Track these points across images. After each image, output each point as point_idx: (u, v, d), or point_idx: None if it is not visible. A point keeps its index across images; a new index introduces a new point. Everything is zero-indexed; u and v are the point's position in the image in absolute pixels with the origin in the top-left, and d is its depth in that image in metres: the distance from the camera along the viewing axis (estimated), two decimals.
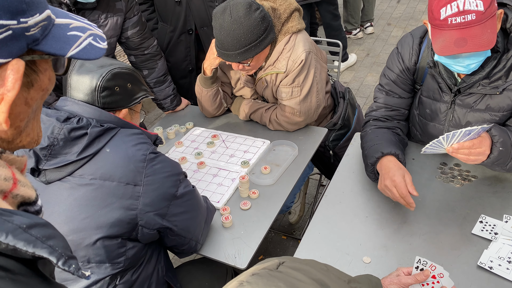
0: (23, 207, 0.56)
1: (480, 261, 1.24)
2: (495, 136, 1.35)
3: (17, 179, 0.53)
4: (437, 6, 1.27)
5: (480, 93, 1.46)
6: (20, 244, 0.46)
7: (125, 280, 1.31)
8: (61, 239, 0.51)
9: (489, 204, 1.44)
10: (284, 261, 0.65)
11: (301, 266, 0.63)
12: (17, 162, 0.57)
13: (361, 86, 4.17)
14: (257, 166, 1.81)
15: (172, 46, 2.46)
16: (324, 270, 0.65)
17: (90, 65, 1.24)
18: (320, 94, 1.91)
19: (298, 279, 0.59)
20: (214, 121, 2.18)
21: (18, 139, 0.57)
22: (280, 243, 2.62)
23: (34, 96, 0.56)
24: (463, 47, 1.23)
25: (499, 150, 1.35)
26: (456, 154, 1.36)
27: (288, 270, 0.61)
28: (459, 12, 1.23)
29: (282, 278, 0.58)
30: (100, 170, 1.18)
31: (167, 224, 1.27)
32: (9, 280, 0.46)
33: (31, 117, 0.58)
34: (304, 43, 1.80)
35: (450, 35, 1.26)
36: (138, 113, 1.40)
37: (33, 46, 0.52)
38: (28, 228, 0.47)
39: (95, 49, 0.59)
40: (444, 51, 1.27)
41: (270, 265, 0.64)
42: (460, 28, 1.24)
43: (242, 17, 1.64)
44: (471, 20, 1.23)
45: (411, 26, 5.21)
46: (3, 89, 0.50)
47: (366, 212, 1.49)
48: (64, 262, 0.49)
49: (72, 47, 0.56)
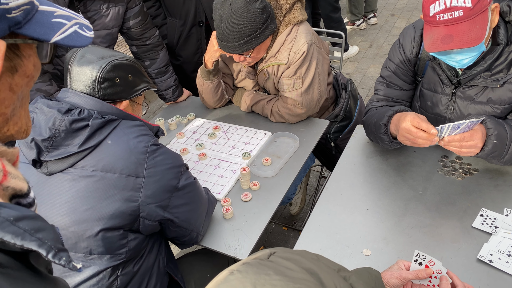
0: (15, 200, 0.56)
1: (480, 255, 1.25)
2: (490, 129, 1.36)
3: (7, 171, 0.53)
4: (427, 3, 1.28)
5: (481, 85, 1.45)
6: (7, 237, 0.46)
7: (126, 271, 1.32)
8: (51, 232, 0.51)
9: (490, 198, 1.44)
10: (275, 251, 0.66)
11: (291, 256, 0.64)
12: (9, 154, 0.56)
13: (364, 77, 4.15)
14: (258, 157, 1.81)
15: (184, 40, 2.43)
16: (315, 259, 0.66)
17: (90, 56, 1.23)
18: (322, 85, 1.90)
19: (287, 268, 0.59)
20: (216, 112, 2.18)
21: (5, 127, 0.57)
22: (281, 234, 2.63)
23: (19, 83, 0.55)
24: (448, 44, 1.24)
25: (493, 143, 1.35)
26: (448, 147, 1.38)
27: (279, 259, 0.62)
28: (446, 8, 1.23)
29: (272, 266, 0.59)
30: (101, 162, 1.18)
31: (169, 216, 1.28)
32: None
33: (17, 105, 0.57)
34: (306, 34, 1.79)
35: (438, 31, 1.27)
36: (140, 105, 1.39)
37: (15, 29, 0.52)
38: (15, 221, 0.47)
39: (81, 37, 0.58)
40: (432, 47, 1.27)
41: (261, 255, 0.65)
42: (447, 24, 1.25)
43: (242, 8, 1.63)
44: (458, 16, 1.23)
45: (414, 17, 5.17)
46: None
47: (367, 204, 1.49)
48: (54, 255, 0.49)
49: (57, 33, 0.55)
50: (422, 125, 1.36)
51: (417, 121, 1.37)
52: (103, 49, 1.28)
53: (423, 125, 1.36)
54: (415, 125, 1.38)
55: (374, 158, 1.69)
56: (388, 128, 1.53)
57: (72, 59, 1.23)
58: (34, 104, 1.22)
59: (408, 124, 1.39)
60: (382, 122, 1.53)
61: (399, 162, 1.65)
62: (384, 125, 1.53)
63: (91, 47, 1.28)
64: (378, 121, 1.56)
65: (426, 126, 1.36)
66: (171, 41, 2.45)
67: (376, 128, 1.58)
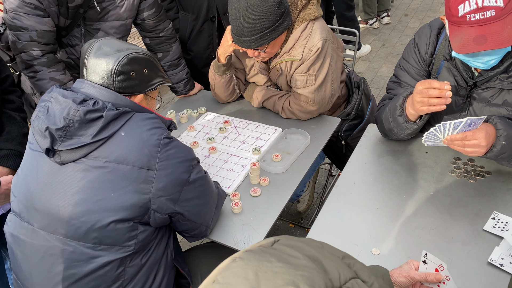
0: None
1: (491, 258, 1.24)
2: (499, 129, 1.35)
3: None
4: (455, 3, 1.25)
5: (497, 87, 1.44)
6: None
7: (135, 263, 1.33)
8: None
9: (502, 201, 1.43)
10: (279, 239, 0.66)
11: (295, 243, 0.64)
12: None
13: (375, 77, 4.12)
14: (268, 153, 1.81)
15: (195, 35, 2.43)
16: (319, 247, 0.66)
17: (107, 49, 1.23)
18: (335, 83, 1.89)
19: (290, 255, 0.59)
20: (227, 107, 2.18)
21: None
22: (287, 231, 2.63)
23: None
24: (482, 44, 1.21)
25: (502, 144, 1.34)
26: (453, 146, 1.37)
27: (282, 247, 0.62)
28: (478, 8, 1.20)
29: (274, 254, 0.59)
30: (114, 153, 1.19)
31: (179, 209, 1.28)
32: None
33: None
34: (321, 31, 1.78)
35: (468, 32, 1.23)
36: (154, 99, 1.39)
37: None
38: None
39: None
40: (463, 49, 1.24)
41: (265, 243, 0.65)
42: (479, 25, 1.22)
43: (258, 3, 1.62)
44: (490, 16, 1.20)
45: (428, 17, 5.12)
46: None
47: (377, 203, 1.48)
48: None
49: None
50: (434, 84, 1.36)
51: (428, 81, 1.38)
52: (120, 42, 1.29)
53: (434, 84, 1.36)
54: (426, 86, 1.37)
55: (386, 157, 1.68)
56: (404, 109, 1.52)
57: (89, 50, 1.24)
58: (49, 93, 1.23)
59: (419, 87, 1.39)
60: (398, 103, 1.53)
61: (411, 163, 1.63)
62: (400, 106, 1.52)
63: (108, 39, 1.29)
64: (394, 103, 1.55)
65: (438, 84, 1.35)
66: (183, 35, 2.45)
67: (392, 111, 1.56)
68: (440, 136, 1.38)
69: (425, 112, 1.43)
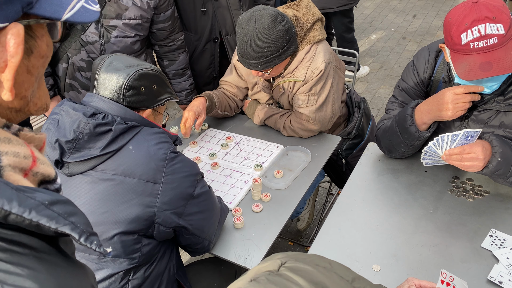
0: (43, 185, 0.56)
1: (490, 275, 1.25)
2: (495, 146, 1.39)
3: (36, 156, 0.53)
4: (457, 32, 1.29)
5: (494, 109, 1.48)
6: (43, 220, 0.46)
7: (138, 276, 1.34)
8: (83, 216, 0.52)
9: (500, 220, 1.45)
10: (287, 260, 0.64)
11: (303, 266, 0.62)
12: (36, 140, 0.57)
13: (374, 97, 4.19)
14: (270, 169, 1.84)
15: (198, 55, 2.49)
16: (328, 269, 0.64)
17: (118, 64, 1.27)
18: (336, 104, 1.93)
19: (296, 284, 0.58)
20: (229, 123, 2.21)
21: (26, 108, 0.57)
22: (286, 249, 2.63)
23: (35, 64, 0.55)
24: (489, 71, 1.25)
25: (497, 160, 1.38)
26: (451, 161, 1.41)
27: (288, 273, 0.60)
28: (481, 36, 1.25)
29: (280, 283, 0.58)
30: (122, 166, 1.21)
31: (183, 223, 1.30)
32: (33, 258, 0.47)
33: (35, 87, 0.57)
34: (324, 53, 1.83)
35: (473, 59, 1.27)
36: (161, 114, 1.43)
37: (28, 10, 0.51)
38: (50, 205, 0.48)
39: (89, 12, 0.57)
40: (470, 75, 1.28)
41: (271, 267, 0.63)
42: (483, 52, 1.26)
43: (267, 29, 1.66)
44: (493, 43, 1.25)
45: (426, 41, 5.22)
46: (6, 55, 0.49)
47: (377, 221, 1.51)
48: (86, 239, 0.50)
49: (66, 10, 0.54)
50: (470, 88, 1.39)
51: (461, 87, 1.41)
52: (130, 58, 1.33)
53: (470, 88, 1.39)
54: (459, 92, 1.41)
55: (385, 175, 1.71)
56: (414, 118, 1.54)
57: (100, 65, 1.28)
58: (60, 106, 1.26)
59: (452, 96, 1.42)
60: (407, 113, 1.55)
61: (410, 181, 1.66)
62: (410, 116, 1.54)
63: (119, 55, 1.33)
64: (401, 115, 1.58)
65: (473, 87, 1.39)
66: None
67: (400, 123, 1.58)
68: (438, 151, 1.42)
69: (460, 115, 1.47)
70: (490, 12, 1.25)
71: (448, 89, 1.44)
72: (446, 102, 1.43)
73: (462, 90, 1.40)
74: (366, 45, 5.25)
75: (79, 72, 2.10)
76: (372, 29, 5.69)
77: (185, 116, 1.91)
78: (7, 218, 0.45)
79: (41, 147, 0.58)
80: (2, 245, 0.45)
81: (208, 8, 2.33)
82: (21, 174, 0.51)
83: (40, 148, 0.58)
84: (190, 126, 1.92)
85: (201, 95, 2.02)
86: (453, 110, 1.43)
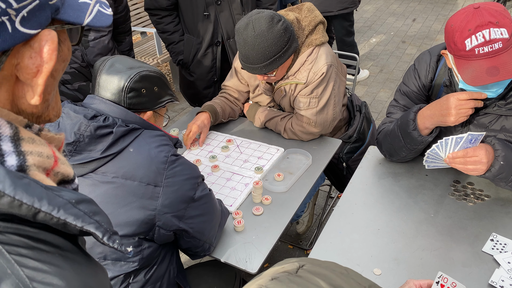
0: (62, 185, 0.56)
1: (492, 280, 1.25)
2: (497, 150, 1.39)
3: (57, 157, 0.54)
4: (460, 38, 1.29)
5: (495, 113, 1.48)
6: (70, 218, 0.47)
7: (138, 279, 1.33)
8: (105, 216, 0.52)
9: (501, 224, 1.45)
10: (304, 264, 0.64)
11: (321, 270, 0.63)
12: (55, 140, 0.57)
13: (373, 101, 4.19)
14: (271, 172, 1.83)
15: (199, 58, 2.49)
16: (345, 274, 0.64)
17: (119, 66, 1.27)
18: (337, 107, 1.93)
19: (316, 285, 0.58)
20: (229, 126, 2.21)
21: (46, 113, 0.58)
22: (286, 252, 2.63)
23: (58, 68, 0.56)
24: (496, 75, 1.25)
25: (500, 164, 1.38)
26: (454, 164, 1.41)
27: (308, 274, 0.61)
28: (486, 41, 1.25)
29: (301, 283, 0.58)
30: (122, 169, 1.21)
31: (184, 226, 1.29)
32: (59, 256, 0.48)
33: (55, 90, 0.58)
34: (326, 56, 1.83)
35: (479, 64, 1.27)
36: (162, 116, 1.43)
37: (55, 15, 0.52)
38: (76, 203, 0.49)
39: (105, 16, 0.59)
40: (477, 81, 1.28)
41: (290, 268, 0.63)
42: (489, 57, 1.26)
43: (265, 31, 1.67)
44: (499, 48, 1.25)
45: (425, 45, 5.24)
46: (39, 60, 0.50)
47: (378, 224, 1.50)
48: (109, 238, 0.51)
49: (86, 14, 0.56)
50: (473, 95, 1.39)
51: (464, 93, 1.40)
52: (132, 60, 1.33)
53: (474, 95, 1.39)
54: (463, 98, 1.41)
55: (386, 179, 1.70)
56: (416, 123, 1.54)
57: (102, 67, 1.27)
58: None
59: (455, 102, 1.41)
60: (409, 118, 1.55)
61: (411, 185, 1.66)
62: (412, 121, 1.54)
63: (121, 57, 1.32)
64: (405, 118, 1.57)
65: (477, 94, 1.38)
66: (187, 57, 2.50)
67: (403, 128, 1.58)
68: (442, 154, 1.42)
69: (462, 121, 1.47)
70: (493, 17, 1.25)
71: (451, 94, 1.44)
72: (449, 107, 1.43)
73: (466, 96, 1.40)
74: (365, 48, 5.26)
75: (64, 86, 2.11)
76: (371, 32, 5.71)
77: (189, 128, 1.98)
78: (36, 216, 0.46)
79: (59, 147, 0.59)
80: (29, 243, 0.46)
81: (211, 12, 2.33)
82: (44, 174, 0.52)
83: (58, 148, 0.58)
84: (192, 138, 1.99)
85: (205, 111, 2.05)
86: (456, 116, 1.43)
